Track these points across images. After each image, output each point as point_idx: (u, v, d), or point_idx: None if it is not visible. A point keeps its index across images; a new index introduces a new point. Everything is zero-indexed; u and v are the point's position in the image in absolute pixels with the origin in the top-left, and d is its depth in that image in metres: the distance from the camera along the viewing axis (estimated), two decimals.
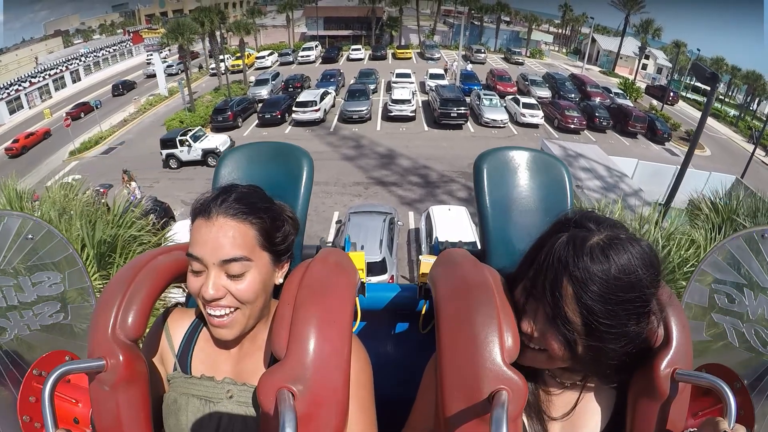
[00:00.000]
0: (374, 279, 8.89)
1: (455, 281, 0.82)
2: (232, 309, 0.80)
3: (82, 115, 28.14)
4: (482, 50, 41.15)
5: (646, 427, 0.75)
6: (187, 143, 18.42)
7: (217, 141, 18.89)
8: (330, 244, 1.24)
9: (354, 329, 1.04)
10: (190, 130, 19.36)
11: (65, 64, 38.61)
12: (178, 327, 0.92)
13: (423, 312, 1.29)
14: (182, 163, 18.65)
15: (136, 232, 4.60)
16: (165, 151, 18.62)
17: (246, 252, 0.78)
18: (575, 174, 11.11)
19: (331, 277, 0.82)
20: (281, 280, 0.87)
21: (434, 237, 9.49)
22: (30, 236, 1.20)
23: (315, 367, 0.70)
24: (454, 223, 10.07)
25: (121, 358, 0.76)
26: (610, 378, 0.77)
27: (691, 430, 0.76)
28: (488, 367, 0.66)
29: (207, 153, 18.39)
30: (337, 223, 11.75)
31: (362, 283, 1.22)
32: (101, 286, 4.01)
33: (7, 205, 4.40)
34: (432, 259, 1.09)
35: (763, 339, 1.10)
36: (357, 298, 0.99)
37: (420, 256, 1.25)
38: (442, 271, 0.89)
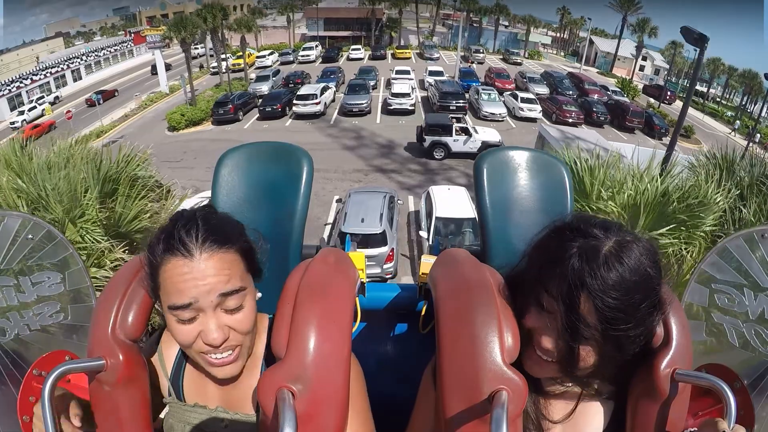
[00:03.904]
0: (375, 251, 8.94)
1: (455, 281, 0.82)
2: (236, 346, 0.77)
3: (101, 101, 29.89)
4: (481, 50, 41.49)
5: (646, 427, 0.75)
6: (466, 132, 15.89)
7: (496, 136, 16.49)
8: (331, 244, 1.25)
9: (354, 329, 1.06)
10: (457, 118, 16.74)
11: (66, 63, 38.79)
12: (170, 348, 0.89)
13: (423, 312, 1.28)
14: (449, 155, 16.16)
15: (141, 172, 4.66)
16: (430, 138, 15.98)
17: (240, 281, 0.75)
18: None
19: (331, 277, 0.82)
20: (260, 294, 0.84)
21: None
22: (30, 236, 1.19)
23: (315, 367, 0.69)
24: (453, 201, 10.12)
25: (121, 357, 0.76)
26: (610, 380, 0.78)
27: (691, 430, 0.76)
28: (488, 367, 0.66)
29: (487, 147, 16.13)
30: (337, 201, 11.79)
31: (362, 283, 1.21)
32: (106, 222, 4.08)
33: (11, 156, 4.39)
34: (432, 259, 1.09)
35: (763, 339, 1.11)
36: (357, 298, 0.99)
37: (421, 256, 1.28)
38: (442, 271, 0.89)
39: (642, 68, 44.38)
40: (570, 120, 22.97)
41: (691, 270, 3.75)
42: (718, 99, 43.08)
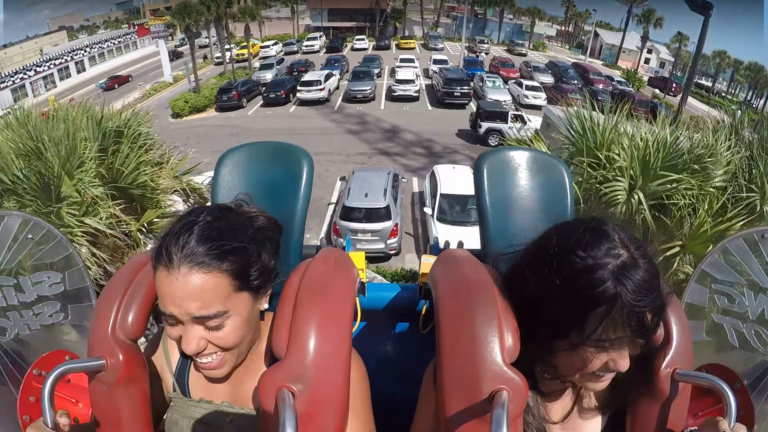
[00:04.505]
0: (378, 226, 8.97)
1: (456, 281, 0.82)
2: (219, 352, 0.77)
3: (116, 86, 31.22)
4: (485, 42, 41.34)
5: (646, 427, 0.76)
6: (521, 120, 16.23)
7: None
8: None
9: (354, 329, 1.06)
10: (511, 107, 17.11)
11: (70, 55, 38.86)
12: (174, 344, 0.87)
13: (423, 312, 1.29)
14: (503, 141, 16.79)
15: (145, 128, 4.61)
16: (486, 124, 16.35)
17: (220, 306, 0.72)
18: None
19: (331, 277, 0.83)
20: (267, 305, 0.83)
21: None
22: (30, 236, 1.20)
23: (315, 367, 0.70)
24: (458, 179, 10.12)
25: (120, 357, 0.76)
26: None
27: (692, 429, 0.77)
28: (488, 366, 0.66)
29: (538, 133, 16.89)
30: (341, 180, 11.78)
31: (362, 283, 1.21)
32: (106, 174, 4.02)
33: (13, 119, 4.30)
34: (432, 259, 1.10)
35: (763, 339, 1.12)
36: (357, 298, 1.00)
37: (422, 256, 1.29)
38: (442, 271, 0.89)
39: (647, 61, 44.07)
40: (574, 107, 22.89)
41: (704, 223, 3.75)
42: (723, 93, 42.72)
